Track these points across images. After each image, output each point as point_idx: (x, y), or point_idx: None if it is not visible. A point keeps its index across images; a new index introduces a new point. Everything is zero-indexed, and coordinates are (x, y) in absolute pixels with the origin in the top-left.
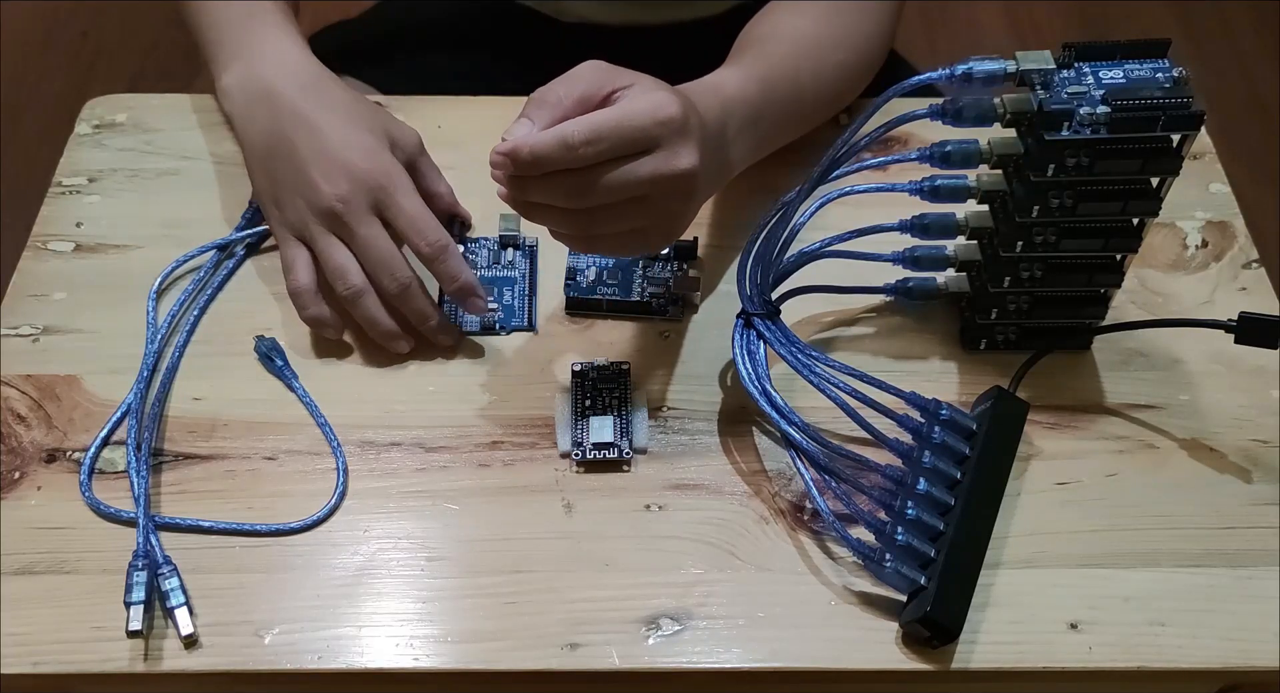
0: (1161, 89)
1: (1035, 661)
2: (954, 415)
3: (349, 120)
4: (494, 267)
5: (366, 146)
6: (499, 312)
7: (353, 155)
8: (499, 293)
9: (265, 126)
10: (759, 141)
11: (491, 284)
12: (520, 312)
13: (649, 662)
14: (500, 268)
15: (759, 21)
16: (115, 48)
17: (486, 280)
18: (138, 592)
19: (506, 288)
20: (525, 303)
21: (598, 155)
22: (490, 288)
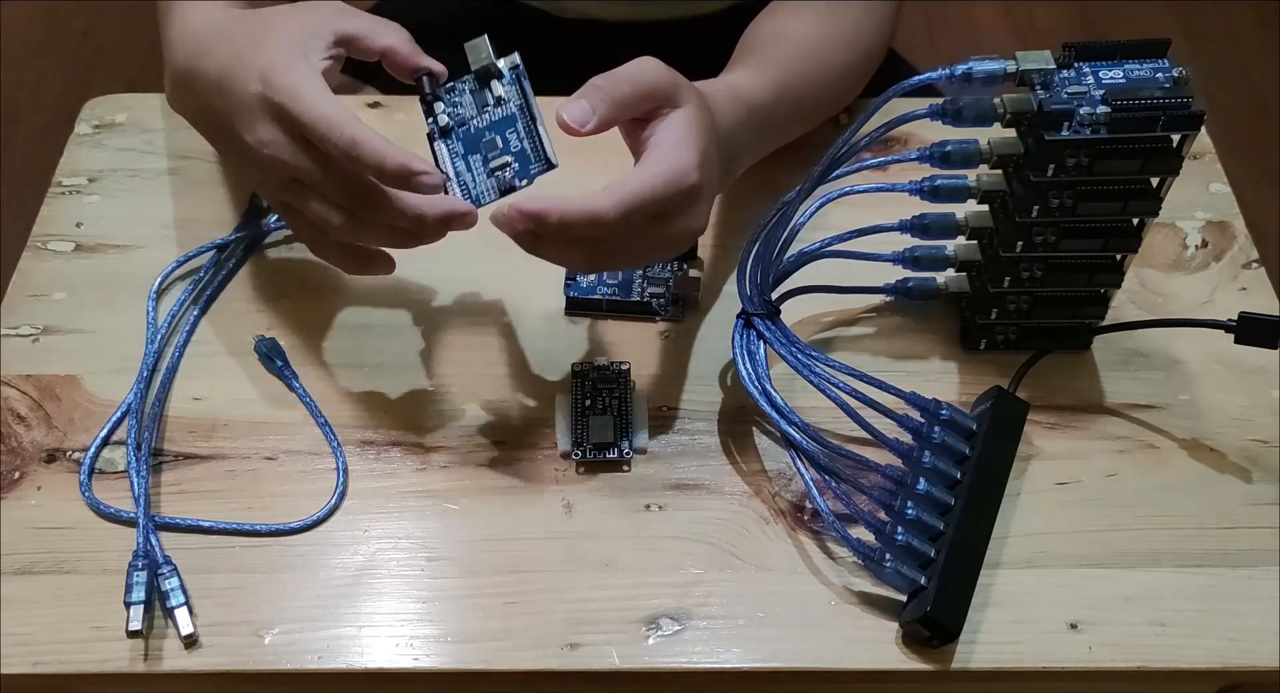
0: (1161, 89)
1: (1035, 661)
2: (954, 415)
3: (230, 61)
4: (483, 111)
5: (239, 78)
6: (449, 181)
7: (234, 100)
8: (503, 141)
9: (191, 115)
10: (766, 144)
11: (491, 133)
12: (534, 153)
13: (649, 662)
14: (490, 110)
15: (764, 21)
16: (115, 48)
17: (481, 131)
18: (138, 592)
19: (508, 130)
20: (534, 140)
21: (623, 227)
22: (492, 138)
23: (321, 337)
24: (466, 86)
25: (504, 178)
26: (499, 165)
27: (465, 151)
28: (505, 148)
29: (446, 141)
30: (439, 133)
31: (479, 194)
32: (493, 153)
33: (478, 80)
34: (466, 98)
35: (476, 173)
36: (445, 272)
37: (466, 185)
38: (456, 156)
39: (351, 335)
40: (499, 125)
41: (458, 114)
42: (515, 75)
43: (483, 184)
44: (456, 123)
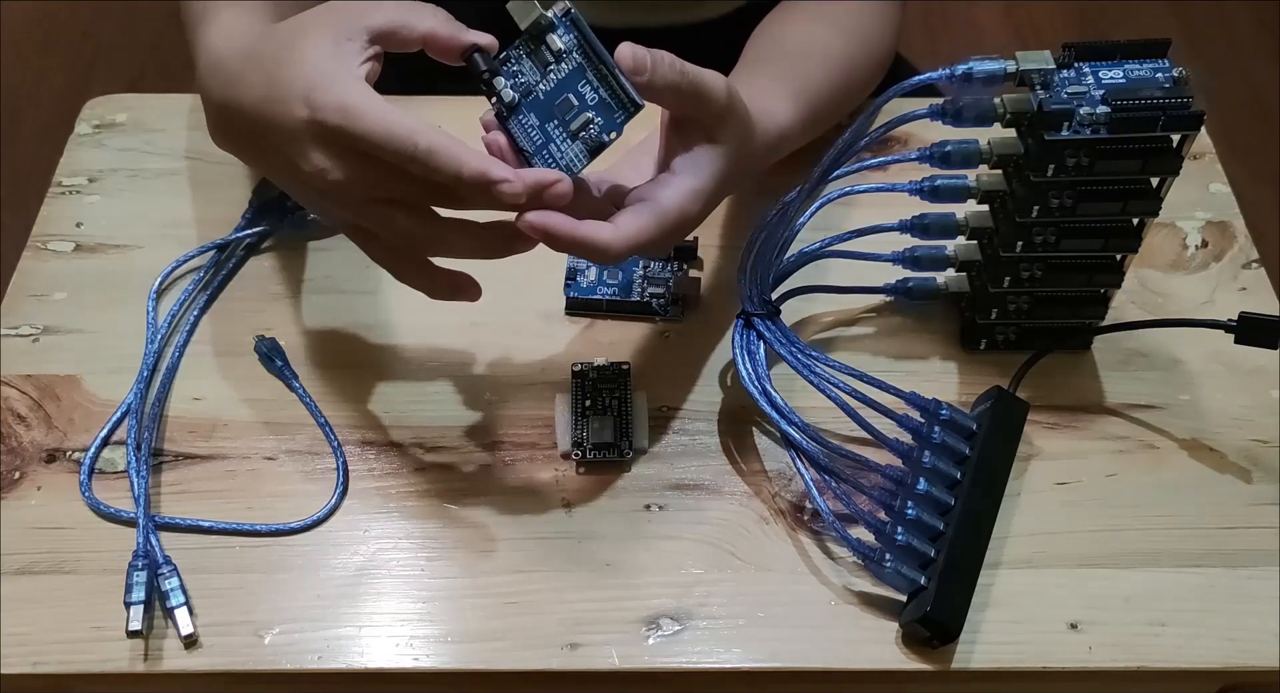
0: (1161, 89)
1: (1035, 661)
2: (954, 415)
3: (265, 89)
4: (547, 72)
5: (279, 106)
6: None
7: (281, 130)
8: (578, 98)
9: (239, 151)
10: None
11: (563, 93)
12: (614, 100)
13: (649, 662)
14: (555, 68)
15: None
16: (115, 48)
17: (551, 94)
18: (138, 592)
19: (579, 84)
20: (610, 85)
21: (622, 258)
22: (565, 98)
23: (321, 337)
24: (521, 51)
25: (591, 136)
26: (580, 125)
27: (540, 121)
28: (582, 104)
29: (517, 117)
30: (506, 110)
31: (569, 163)
32: (570, 113)
33: (531, 40)
34: (525, 63)
35: (559, 141)
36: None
37: (553, 157)
38: (533, 129)
39: (351, 335)
40: (568, 82)
41: (521, 83)
42: (569, 22)
43: (570, 151)
44: (522, 94)
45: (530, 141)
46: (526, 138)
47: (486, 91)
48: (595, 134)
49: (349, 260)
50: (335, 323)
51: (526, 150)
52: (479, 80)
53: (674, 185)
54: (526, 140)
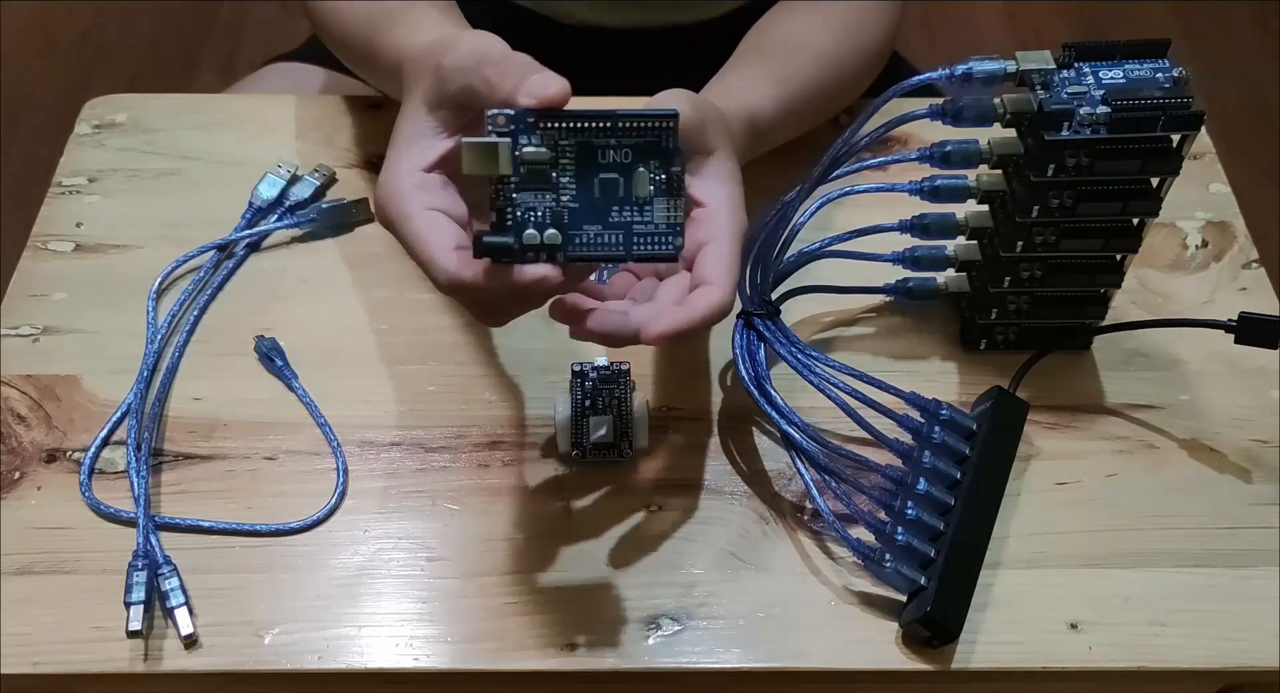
0: (1161, 89)
1: (1035, 661)
2: (954, 415)
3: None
4: (560, 186)
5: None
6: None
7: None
8: (642, 208)
9: None
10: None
11: (595, 190)
12: (668, 226)
13: (649, 662)
14: (605, 172)
15: (778, 26)
16: (115, 48)
17: (584, 201)
18: (138, 592)
19: (605, 164)
20: (669, 209)
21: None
22: (604, 188)
23: (321, 337)
24: (509, 191)
25: (667, 182)
26: (644, 192)
27: (600, 223)
28: (647, 213)
29: (572, 241)
30: (552, 251)
31: (664, 231)
32: (619, 192)
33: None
34: (528, 196)
35: (640, 218)
36: None
37: (647, 238)
38: (598, 236)
39: (351, 335)
40: (586, 176)
41: (545, 213)
42: (523, 124)
43: (659, 214)
44: (554, 222)
45: (605, 247)
46: (597, 247)
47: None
48: (667, 247)
49: (349, 260)
50: (335, 323)
51: (612, 252)
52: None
53: (716, 213)
54: (599, 248)
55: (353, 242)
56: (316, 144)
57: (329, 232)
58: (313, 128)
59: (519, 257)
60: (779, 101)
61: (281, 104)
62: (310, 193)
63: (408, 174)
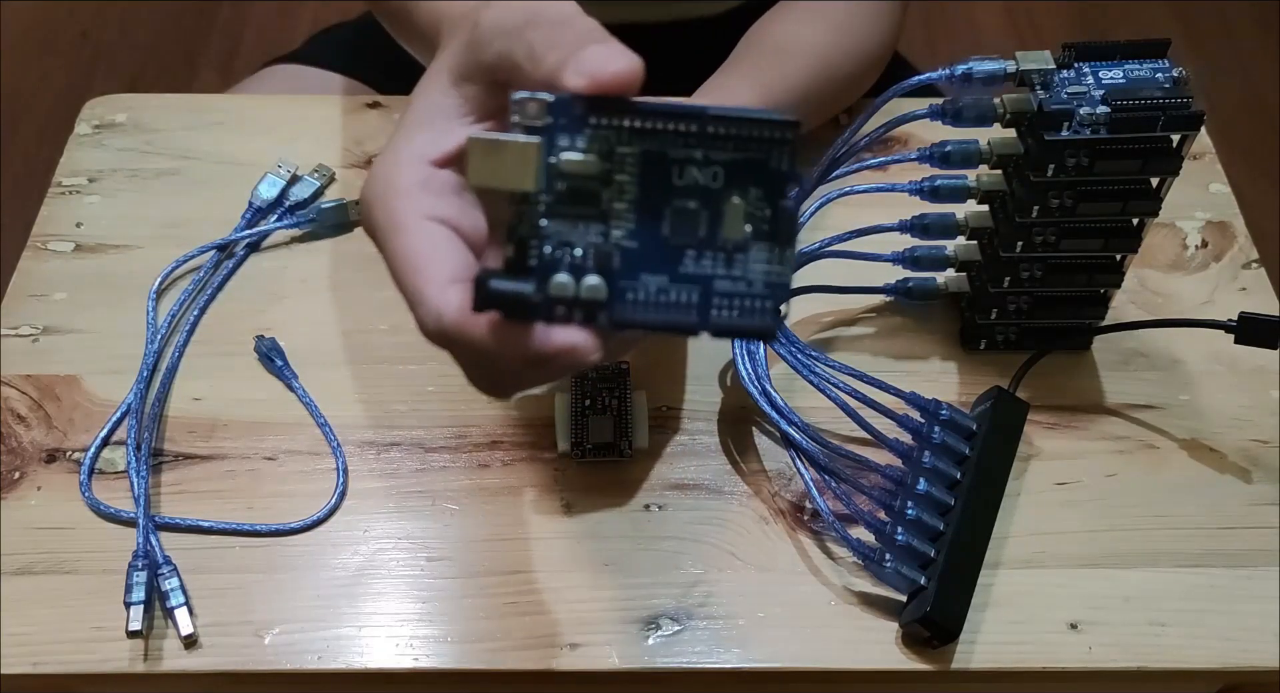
0: (1161, 89)
1: (1035, 661)
2: (954, 415)
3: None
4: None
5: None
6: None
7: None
8: (731, 256)
9: None
10: None
11: (666, 221)
12: (767, 285)
13: (649, 662)
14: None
15: (773, 26)
16: (115, 48)
17: (648, 240)
18: (138, 592)
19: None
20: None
21: None
22: (679, 221)
23: (321, 337)
24: (539, 217)
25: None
26: (735, 233)
27: (669, 274)
28: (712, 269)
29: (623, 300)
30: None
31: (773, 277)
32: (701, 232)
33: (532, 196)
34: (564, 227)
35: (725, 266)
36: None
37: (739, 294)
38: (663, 292)
39: (351, 335)
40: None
41: (587, 252)
42: (572, 120)
43: (757, 262)
44: (599, 266)
45: (670, 310)
46: (659, 309)
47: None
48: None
49: (349, 260)
50: (335, 323)
51: (676, 318)
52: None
53: None
54: (661, 311)
55: (353, 242)
56: (316, 144)
57: (329, 232)
58: (313, 128)
59: (542, 312)
60: (766, 96)
61: (281, 104)
62: (310, 193)
63: (410, 165)
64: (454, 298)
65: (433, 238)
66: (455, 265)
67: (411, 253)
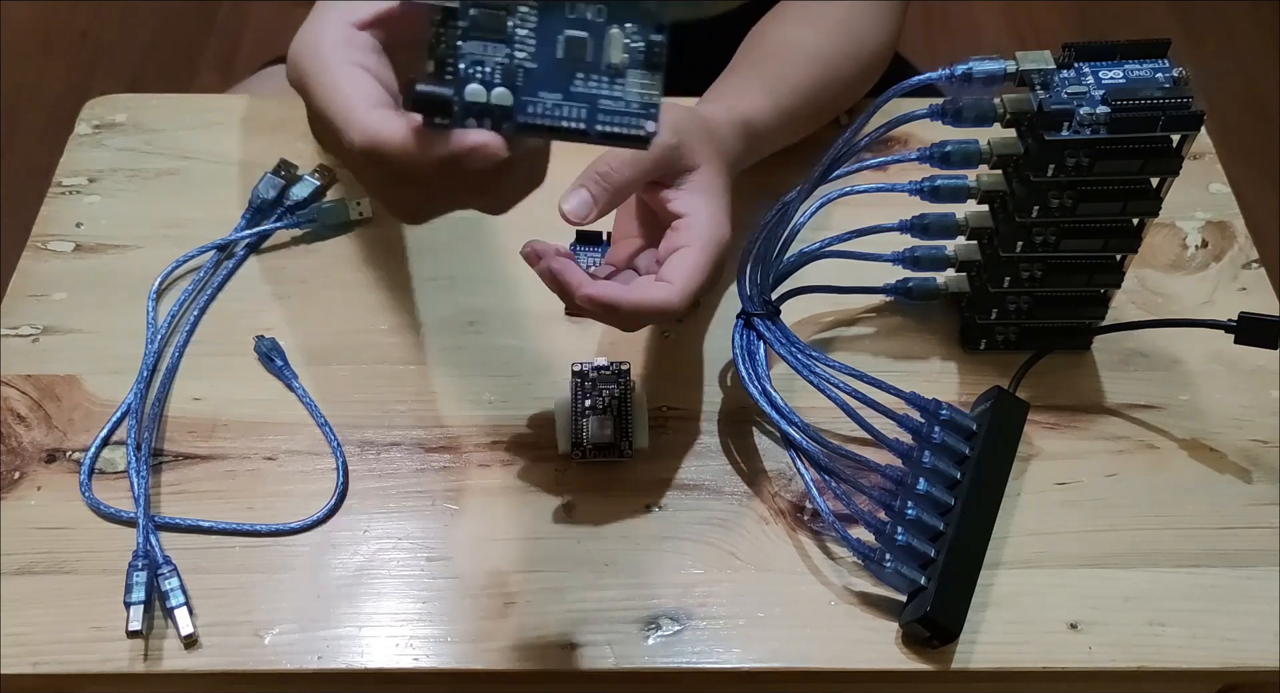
0: (1161, 89)
1: (1035, 661)
2: (954, 415)
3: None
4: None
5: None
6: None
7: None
8: (614, 78)
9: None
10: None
11: (561, 49)
12: (642, 105)
13: (649, 662)
14: (568, 34)
15: (773, 28)
16: (115, 48)
17: (545, 62)
18: (138, 592)
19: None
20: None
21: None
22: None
23: (321, 337)
24: (457, 33)
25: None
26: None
27: (562, 92)
28: (598, 85)
29: (526, 109)
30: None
31: (637, 103)
32: (587, 60)
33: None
34: (476, 47)
35: (609, 90)
36: (446, 271)
37: (612, 111)
38: (557, 105)
39: (351, 335)
40: (549, 30)
41: (494, 68)
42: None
43: (633, 86)
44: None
45: (564, 120)
46: (555, 117)
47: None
48: (627, 127)
49: (349, 260)
50: (335, 323)
51: (571, 126)
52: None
53: (693, 222)
54: (556, 119)
55: (353, 242)
56: (316, 144)
57: (329, 232)
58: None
59: (458, 117)
60: (775, 108)
61: (281, 104)
62: (310, 193)
63: (336, 26)
64: (378, 116)
65: (357, 76)
66: (377, 96)
67: (341, 85)
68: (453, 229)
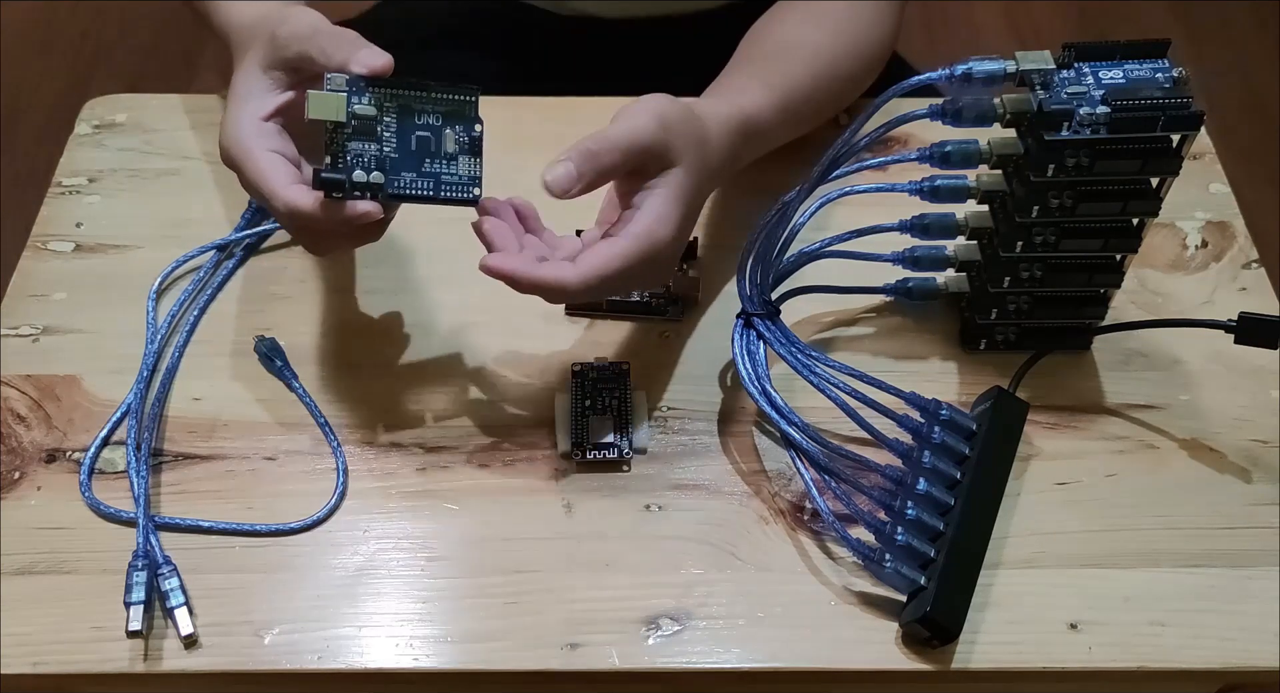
0: (1161, 89)
1: (1035, 661)
2: (954, 415)
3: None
4: (383, 134)
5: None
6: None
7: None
8: (448, 162)
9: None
10: (760, 153)
11: (414, 138)
12: (469, 178)
13: (649, 662)
14: (387, 124)
15: (772, 27)
16: (115, 48)
17: (403, 151)
18: (138, 592)
19: (421, 121)
20: (443, 98)
21: (585, 294)
22: (420, 140)
23: (321, 337)
24: (344, 138)
25: (466, 144)
26: (451, 148)
27: (416, 170)
28: (441, 162)
29: (394, 182)
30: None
31: (467, 183)
32: (433, 145)
33: (340, 126)
34: (358, 144)
35: (447, 171)
36: (445, 271)
37: (450, 185)
38: (417, 179)
39: (351, 335)
40: (406, 128)
41: (370, 158)
42: (360, 85)
43: (462, 170)
44: (378, 166)
45: (418, 190)
46: (412, 188)
47: (341, 191)
48: (466, 142)
49: (349, 260)
50: (335, 323)
51: (424, 194)
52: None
53: (638, 220)
54: (413, 189)
55: None
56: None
57: None
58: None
59: (348, 193)
60: (774, 105)
61: None
62: None
63: (249, 121)
64: (295, 191)
65: (275, 160)
66: (290, 175)
67: (264, 169)
68: (454, 229)
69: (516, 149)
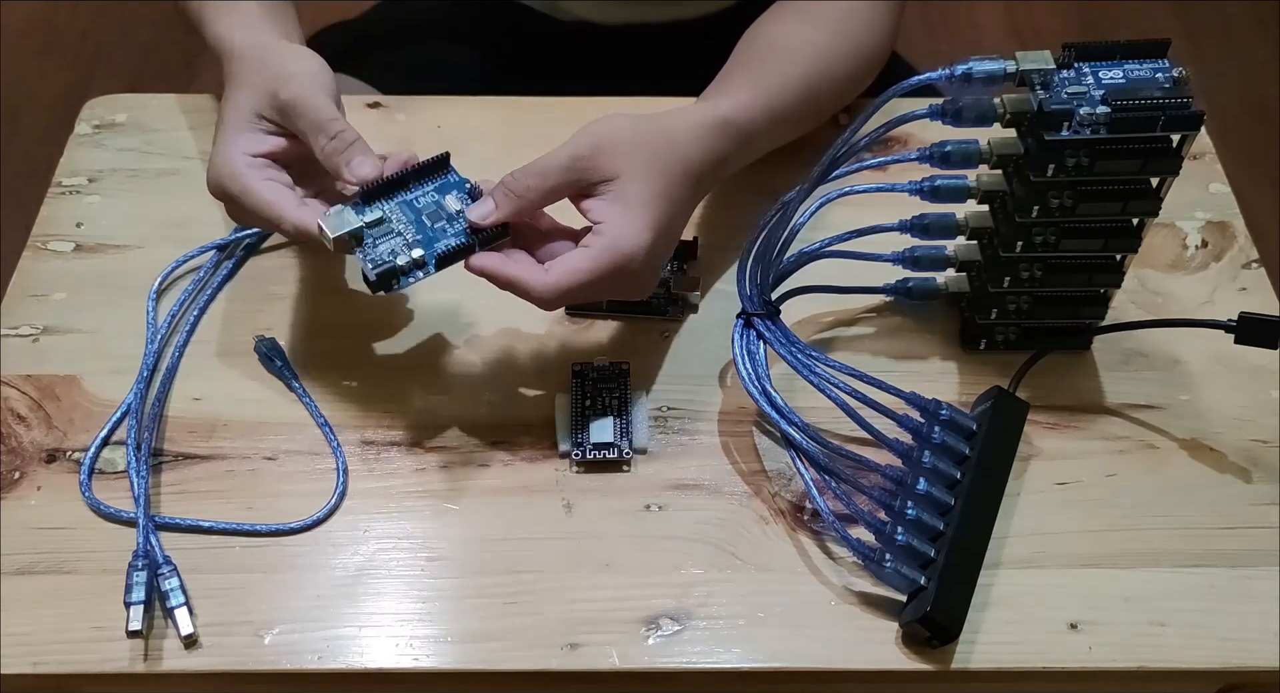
0: (1161, 89)
1: (1035, 661)
2: (954, 415)
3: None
4: (393, 227)
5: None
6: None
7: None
8: (459, 217)
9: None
10: (755, 155)
11: (419, 216)
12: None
13: (649, 662)
14: (394, 215)
15: (767, 28)
16: (115, 48)
17: (417, 226)
18: (138, 592)
19: (422, 203)
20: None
21: (558, 301)
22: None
23: (321, 337)
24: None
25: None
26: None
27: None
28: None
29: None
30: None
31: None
32: (437, 216)
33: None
34: (381, 244)
35: (448, 230)
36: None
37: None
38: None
39: (351, 335)
40: (410, 211)
41: (386, 250)
42: (360, 203)
43: (453, 231)
44: (387, 254)
45: (459, 249)
46: (453, 249)
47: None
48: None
49: (349, 260)
50: (335, 323)
51: (465, 245)
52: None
53: (600, 234)
54: (454, 250)
55: None
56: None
57: None
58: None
59: (406, 274)
60: (760, 106)
61: None
62: None
63: (241, 157)
64: (304, 213)
65: (275, 187)
66: (295, 198)
67: (269, 197)
68: None
69: (516, 148)
